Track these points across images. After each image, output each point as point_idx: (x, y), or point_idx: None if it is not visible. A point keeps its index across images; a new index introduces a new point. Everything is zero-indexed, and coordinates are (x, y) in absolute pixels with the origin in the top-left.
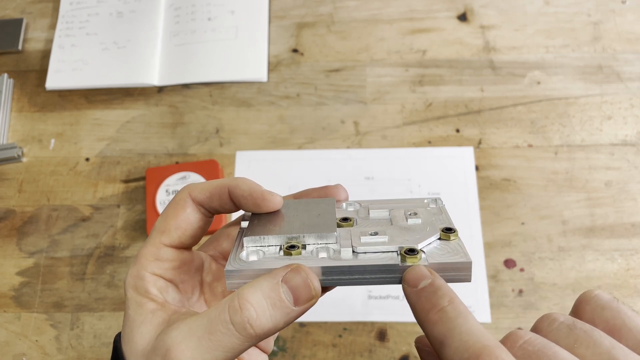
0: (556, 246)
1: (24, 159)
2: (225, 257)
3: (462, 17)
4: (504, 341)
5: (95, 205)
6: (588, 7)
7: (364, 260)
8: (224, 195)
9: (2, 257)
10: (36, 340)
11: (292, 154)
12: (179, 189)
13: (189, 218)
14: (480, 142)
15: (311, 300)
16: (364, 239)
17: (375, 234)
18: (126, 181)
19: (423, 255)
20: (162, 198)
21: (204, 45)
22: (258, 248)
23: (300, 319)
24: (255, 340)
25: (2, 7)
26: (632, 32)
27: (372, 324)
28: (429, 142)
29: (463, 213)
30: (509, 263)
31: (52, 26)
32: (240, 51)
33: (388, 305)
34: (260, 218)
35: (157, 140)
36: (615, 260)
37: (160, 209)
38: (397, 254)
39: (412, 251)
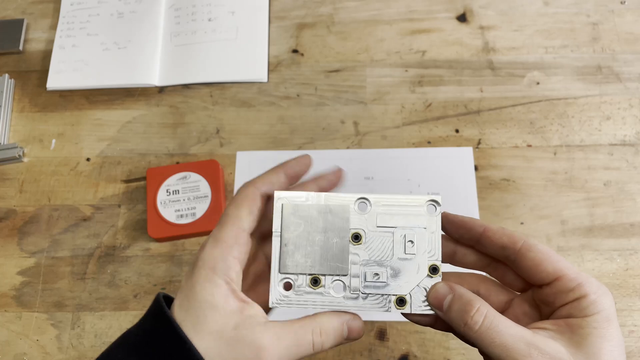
0: (555, 246)
1: (25, 159)
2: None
3: (462, 18)
4: None
5: (96, 205)
6: (587, 7)
7: (367, 302)
8: (281, 175)
9: (3, 256)
10: (37, 340)
11: (292, 154)
12: (179, 189)
13: (258, 205)
14: (479, 143)
15: (357, 338)
16: (368, 280)
17: (377, 275)
18: (127, 181)
19: (407, 306)
20: (163, 198)
21: (204, 45)
22: (288, 278)
23: None
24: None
25: (2, 8)
26: (631, 33)
27: (372, 323)
28: (429, 143)
29: (462, 213)
30: None
31: (53, 27)
32: (240, 52)
33: None
34: (287, 241)
35: (157, 141)
36: (614, 260)
37: (160, 208)
38: (390, 301)
39: (401, 301)
